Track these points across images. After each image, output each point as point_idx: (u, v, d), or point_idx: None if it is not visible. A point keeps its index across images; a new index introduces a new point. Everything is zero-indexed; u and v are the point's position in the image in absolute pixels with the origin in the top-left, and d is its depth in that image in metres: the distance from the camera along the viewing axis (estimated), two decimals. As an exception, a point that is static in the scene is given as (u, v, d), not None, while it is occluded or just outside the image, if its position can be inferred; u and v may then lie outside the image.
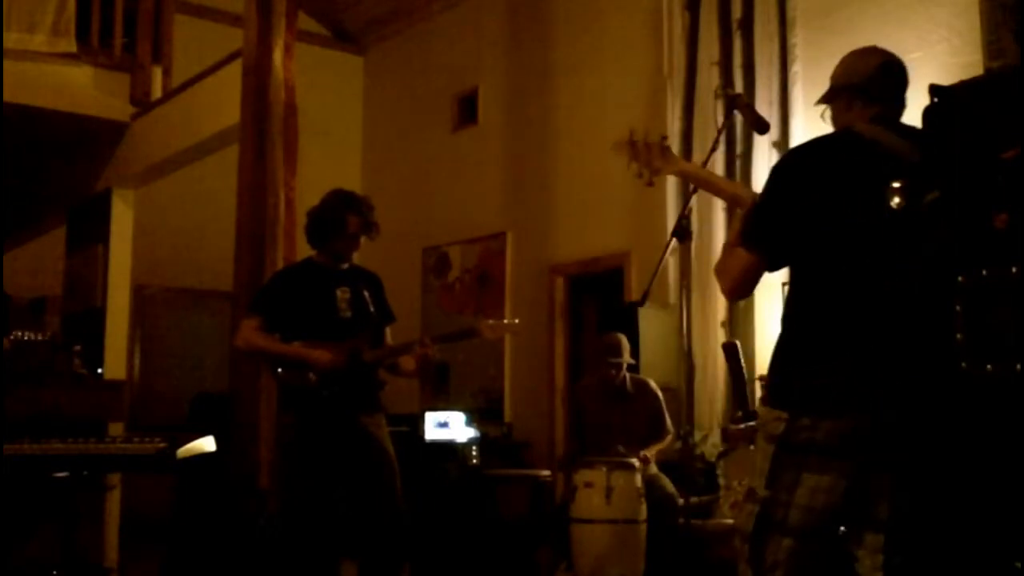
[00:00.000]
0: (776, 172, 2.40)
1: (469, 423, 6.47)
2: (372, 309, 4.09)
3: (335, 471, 3.92)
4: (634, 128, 2.88)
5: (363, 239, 4.09)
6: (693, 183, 2.95)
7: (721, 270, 2.46)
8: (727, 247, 2.49)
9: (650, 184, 2.91)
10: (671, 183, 5.76)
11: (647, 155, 2.84)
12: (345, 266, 4.13)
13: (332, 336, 3.96)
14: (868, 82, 2.42)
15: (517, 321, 3.96)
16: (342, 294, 4.04)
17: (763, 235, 2.34)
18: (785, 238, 2.31)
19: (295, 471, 3.98)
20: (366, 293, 4.10)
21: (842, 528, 2.31)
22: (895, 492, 2.26)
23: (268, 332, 4.04)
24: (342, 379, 3.92)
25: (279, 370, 4.03)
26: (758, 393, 5.02)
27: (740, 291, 2.44)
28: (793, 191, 2.32)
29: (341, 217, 4.02)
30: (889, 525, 2.26)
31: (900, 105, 2.44)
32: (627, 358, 5.29)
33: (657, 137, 2.84)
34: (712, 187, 2.82)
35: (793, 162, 2.42)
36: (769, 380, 2.37)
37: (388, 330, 4.20)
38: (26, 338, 5.47)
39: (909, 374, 2.22)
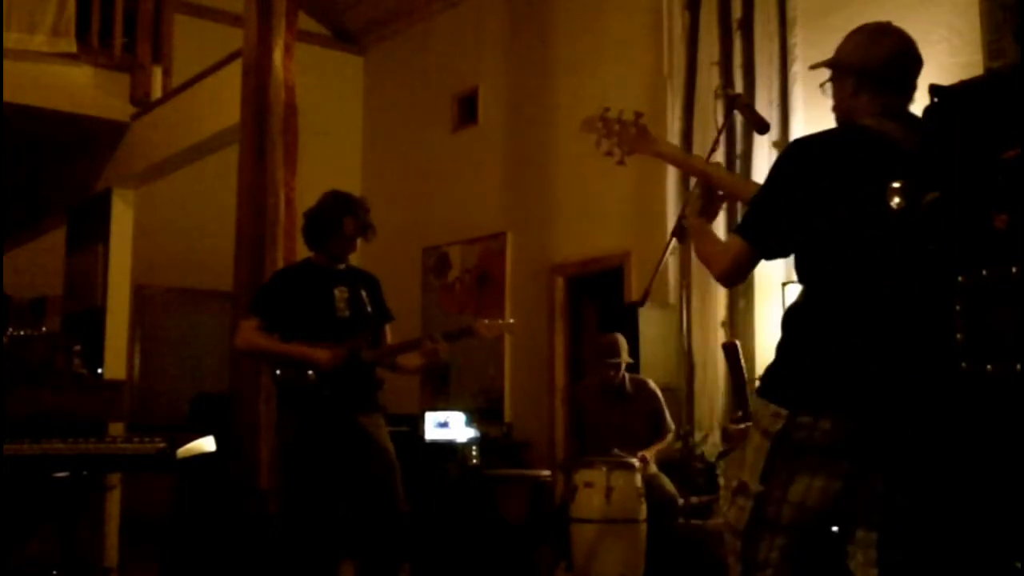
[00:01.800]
0: (779, 164, 2.33)
1: (469, 423, 6.47)
2: (370, 309, 4.10)
3: (334, 470, 3.93)
4: (608, 106, 2.85)
5: (360, 240, 4.11)
6: (671, 164, 2.92)
7: (710, 254, 2.41)
8: (699, 229, 2.48)
9: (620, 163, 2.84)
10: (671, 183, 5.76)
11: (622, 133, 2.79)
12: (343, 266, 4.14)
13: (331, 336, 3.97)
14: (882, 70, 2.34)
15: (513, 320, 3.96)
16: (340, 294, 4.06)
17: (758, 226, 2.29)
18: (780, 231, 2.27)
19: (294, 470, 3.99)
20: (364, 293, 4.11)
21: (835, 527, 2.30)
22: (890, 490, 2.25)
23: (267, 332, 4.04)
24: (341, 378, 3.93)
25: (278, 371, 4.03)
26: (758, 393, 5.01)
27: (733, 277, 2.39)
28: (794, 185, 2.27)
29: (337, 219, 4.04)
30: (883, 522, 2.25)
31: (911, 94, 2.37)
32: (625, 358, 5.29)
33: (631, 115, 2.78)
34: (691, 168, 2.77)
35: (796, 155, 2.35)
36: (770, 374, 2.34)
37: (388, 329, 4.21)
38: (24, 335, 5.47)
39: (910, 375, 2.21)
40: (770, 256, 2.34)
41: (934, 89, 3.30)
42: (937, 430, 2.27)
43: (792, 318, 2.34)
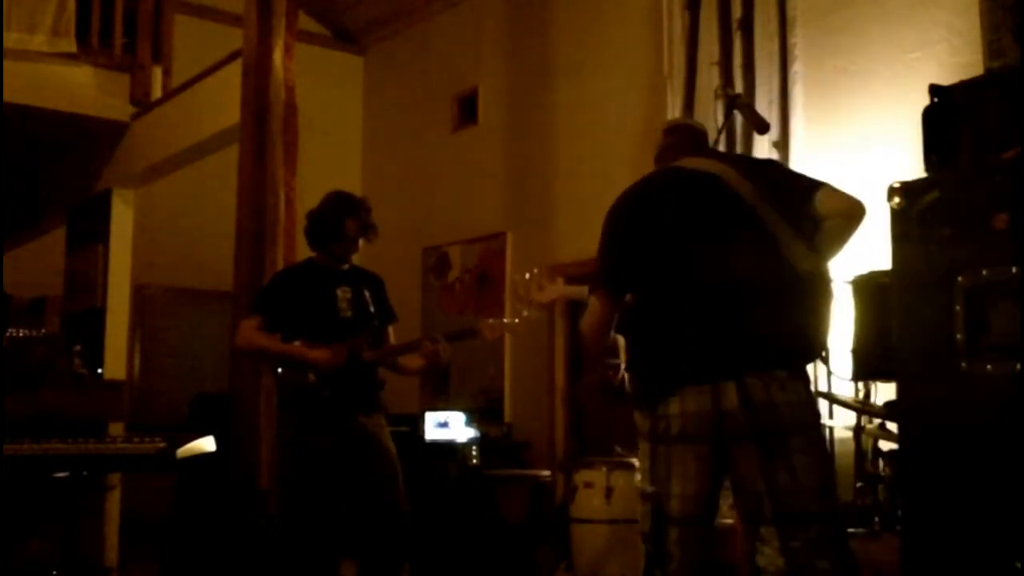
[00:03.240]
0: (607, 215, 2.76)
1: (469, 423, 6.47)
2: (373, 309, 4.10)
3: (334, 470, 3.93)
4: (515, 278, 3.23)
5: (362, 241, 4.11)
6: (572, 298, 3.43)
7: (586, 329, 2.76)
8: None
9: (525, 316, 3.53)
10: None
11: (526, 289, 3.28)
12: (347, 267, 4.14)
13: (333, 336, 3.97)
14: (659, 153, 2.89)
15: (517, 320, 3.97)
16: (343, 294, 4.06)
17: (605, 273, 2.69)
18: (621, 268, 2.66)
19: (294, 470, 3.99)
20: (367, 293, 4.11)
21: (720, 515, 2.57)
22: (767, 476, 2.39)
23: (269, 332, 4.04)
24: (342, 379, 3.93)
25: (279, 370, 4.03)
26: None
27: (598, 333, 2.73)
28: (619, 224, 2.70)
29: (339, 220, 4.05)
30: (776, 514, 2.38)
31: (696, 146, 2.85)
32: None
33: (530, 272, 3.35)
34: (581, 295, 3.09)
35: (612, 209, 2.78)
36: (631, 388, 2.74)
37: (391, 330, 4.21)
38: (24, 335, 5.47)
39: (735, 353, 2.43)
40: (621, 292, 2.68)
41: (934, 89, 3.30)
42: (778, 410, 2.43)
43: (631, 330, 2.69)
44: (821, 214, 2.54)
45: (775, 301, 2.47)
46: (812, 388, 2.62)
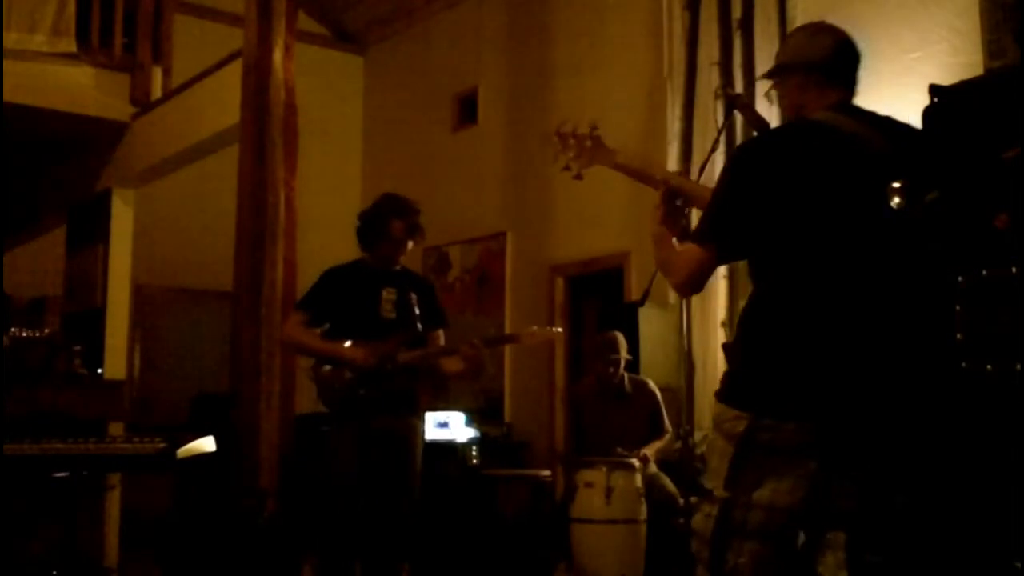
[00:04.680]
0: (732, 164, 2.32)
1: (469, 423, 6.47)
2: (417, 312, 4.13)
3: (357, 468, 3.96)
4: (564, 119, 2.84)
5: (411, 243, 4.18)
6: (629, 175, 2.86)
7: (668, 263, 2.38)
8: (660, 238, 2.44)
9: (578, 177, 2.86)
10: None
11: (578, 147, 2.82)
12: (398, 268, 4.19)
13: (375, 336, 4.01)
14: (826, 62, 2.35)
15: (560, 330, 4.05)
16: (387, 295, 4.11)
17: (717, 228, 2.26)
18: (739, 231, 2.23)
19: (325, 465, 4.04)
20: (413, 296, 4.14)
21: (803, 530, 2.26)
22: (861, 494, 2.21)
23: (313, 327, 4.12)
24: (376, 379, 3.95)
25: (325, 367, 4.07)
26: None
27: (694, 286, 2.34)
28: (749, 184, 2.24)
29: (386, 221, 4.11)
30: (854, 524, 2.21)
31: (854, 88, 2.39)
32: (625, 355, 5.30)
33: (587, 128, 2.79)
34: (650, 179, 2.71)
35: (749, 154, 2.34)
36: (729, 378, 2.31)
37: (441, 334, 4.23)
38: (24, 335, 5.46)
39: (876, 377, 2.17)
40: (731, 258, 2.36)
41: (934, 89, 3.30)
42: (905, 432, 2.23)
43: (749, 320, 2.31)
44: None
45: (919, 327, 2.22)
46: None
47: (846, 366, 2.15)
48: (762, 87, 4.88)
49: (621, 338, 5.31)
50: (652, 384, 5.36)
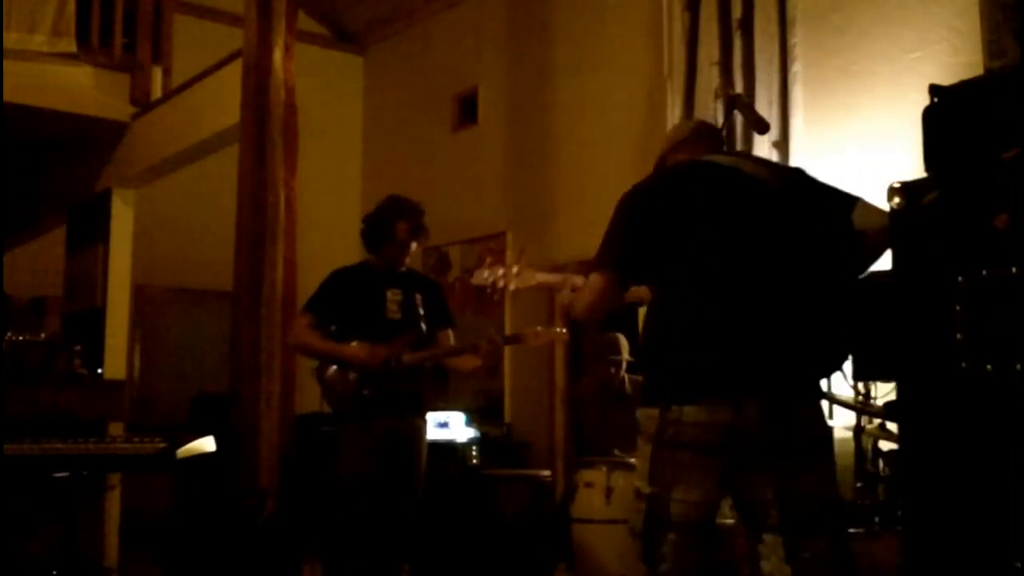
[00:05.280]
0: (622, 201, 2.69)
1: (469, 423, 6.47)
2: (423, 313, 4.13)
3: (366, 471, 3.96)
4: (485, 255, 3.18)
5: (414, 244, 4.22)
6: (548, 287, 3.37)
7: (575, 299, 2.74)
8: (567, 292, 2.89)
9: (498, 298, 3.39)
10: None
11: (506, 274, 3.19)
12: (404, 269, 4.20)
13: (380, 337, 4.02)
14: (685, 139, 2.83)
15: (564, 331, 4.07)
16: (393, 296, 4.12)
17: (616, 254, 2.60)
18: (634, 253, 2.57)
19: (333, 469, 4.06)
20: (419, 296, 4.14)
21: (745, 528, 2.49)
22: (779, 488, 2.36)
23: (319, 329, 4.13)
24: (381, 380, 3.95)
25: (330, 368, 4.07)
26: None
27: (595, 311, 2.66)
28: (639, 212, 2.63)
29: (390, 223, 4.13)
30: (784, 523, 2.36)
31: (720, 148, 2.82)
32: (626, 356, 5.30)
33: (514, 255, 3.24)
34: (562, 285, 3.10)
35: (630, 195, 2.72)
36: (642, 383, 2.60)
37: (450, 334, 4.24)
38: (22, 339, 5.47)
39: (765, 366, 2.37)
40: (629, 280, 2.63)
41: (934, 89, 3.29)
42: (809, 424, 2.42)
43: (645, 329, 2.58)
44: (860, 227, 2.53)
45: (803, 311, 2.42)
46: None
47: (734, 356, 2.39)
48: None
49: (623, 339, 5.31)
50: (653, 386, 5.36)
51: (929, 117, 3.19)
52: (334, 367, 4.08)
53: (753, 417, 2.35)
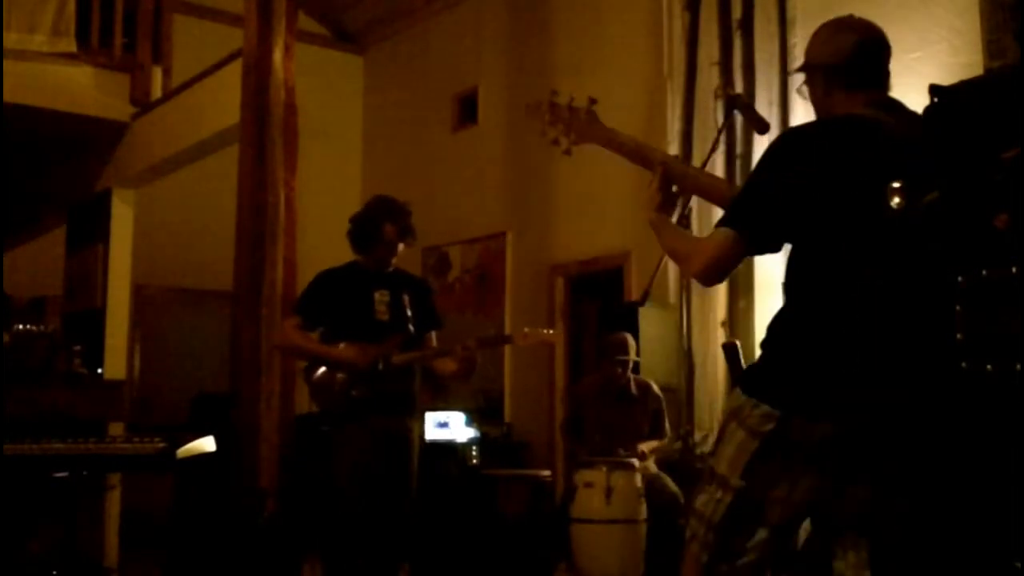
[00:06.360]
0: (771, 151, 2.21)
1: (469, 423, 6.47)
2: (411, 313, 4.13)
3: (358, 470, 3.96)
4: (558, 90, 2.67)
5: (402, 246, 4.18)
6: (624, 155, 2.70)
7: (683, 250, 2.29)
8: (660, 224, 2.36)
9: (567, 152, 2.70)
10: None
11: (571, 120, 2.67)
12: (391, 270, 4.19)
13: (369, 338, 4.01)
14: (847, 64, 2.30)
15: (552, 331, 4.06)
16: (380, 297, 4.11)
17: (749, 215, 2.15)
18: (773, 221, 2.15)
19: (327, 469, 4.06)
20: (406, 297, 4.14)
21: (818, 526, 2.35)
22: (880, 495, 2.24)
23: (308, 331, 4.12)
24: (370, 380, 3.95)
25: (318, 369, 4.06)
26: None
27: (715, 273, 2.22)
28: (787, 173, 2.14)
29: (378, 224, 4.11)
30: (874, 525, 2.24)
31: (886, 82, 2.34)
32: (634, 356, 5.31)
33: (585, 101, 2.64)
34: (646, 161, 2.58)
35: (789, 143, 2.26)
36: (761, 374, 2.29)
37: (434, 335, 4.23)
38: (27, 328, 5.47)
39: (907, 387, 2.19)
40: (761, 248, 2.22)
41: (934, 89, 3.29)
42: (931, 440, 2.27)
43: (786, 319, 2.28)
44: None
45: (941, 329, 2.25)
46: None
47: (880, 375, 2.16)
48: (794, 82, 4.81)
49: (631, 340, 5.33)
50: (656, 388, 5.37)
51: (929, 117, 3.19)
52: (323, 368, 4.07)
53: (879, 435, 2.18)
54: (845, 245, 2.15)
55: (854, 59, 2.30)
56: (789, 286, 2.28)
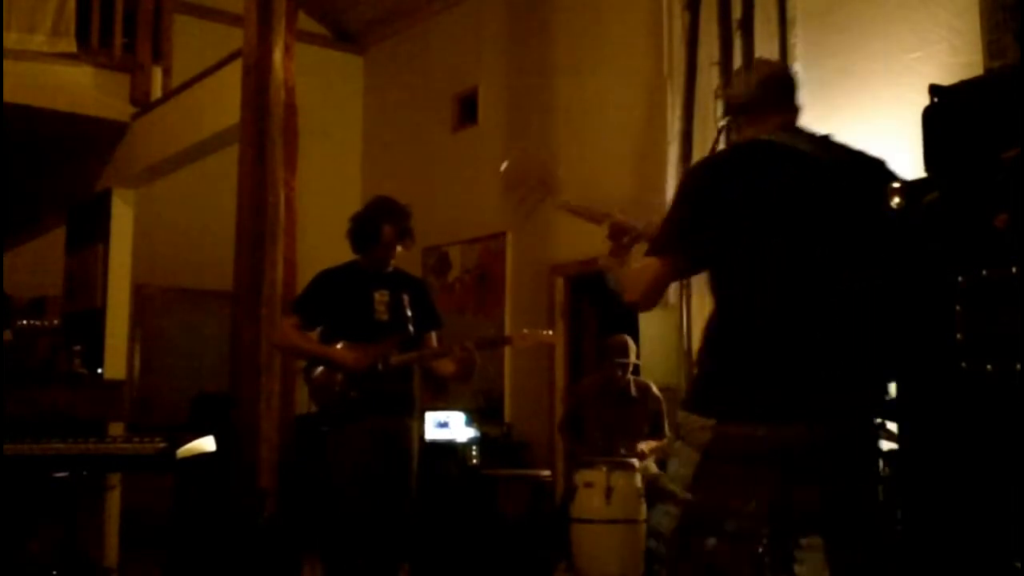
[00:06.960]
0: (683, 182, 2.49)
1: (469, 423, 6.47)
2: (410, 313, 4.13)
3: (357, 470, 3.96)
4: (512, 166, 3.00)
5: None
6: (575, 215, 3.02)
7: (624, 283, 2.50)
8: (610, 269, 2.64)
9: (525, 216, 3.09)
10: (671, 184, 5.75)
11: (527, 192, 3.02)
12: (390, 270, 4.19)
13: (368, 338, 4.02)
14: (751, 100, 2.51)
15: (551, 333, 4.06)
16: (380, 297, 4.11)
17: (671, 241, 2.36)
18: (700, 243, 2.34)
19: (329, 467, 4.05)
20: (406, 297, 4.14)
21: (768, 531, 2.35)
22: (824, 497, 2.27)
23: (307, 330, 4.12)
24: (369, 381, 3.95)
25: (317, 369, 4.07)
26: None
27: (651, 299, 2.44)
28: (701, 198, 2.36)
29: (377, 225, 4.12)
30: (826, 527, 2.27)
31: (795, 112, 2.54)
32: (634, 359, 5.32)
33: (535, 178, 3.04)
34: (594, 216, 2.86)
35: (700, 171, 2.51)
36: (694, 387, 2.43)
37: (434, 335, 4.23)
38: (31, 323, 5.47)
39: (832, 385, 2.24)
40: (688, 271, 2.47)
41: (934, 89, 3.30)
42: (868, 441, 2.34)
43: (711, 329, 2.41)
44: None
45: (869, 326, 2.28)
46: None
47: (805, 369, 2.24)
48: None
49: (631, 342, 5.34)
50: (656, 389, 5.38)
51: (929, 117, 3.19)
52: (321, 368, 4.07)
53: (817, 435, 2.23)
54: (760, 257, 2.28)
55: (758, 94, 2.51)
56: (715, 298, 2.42)
